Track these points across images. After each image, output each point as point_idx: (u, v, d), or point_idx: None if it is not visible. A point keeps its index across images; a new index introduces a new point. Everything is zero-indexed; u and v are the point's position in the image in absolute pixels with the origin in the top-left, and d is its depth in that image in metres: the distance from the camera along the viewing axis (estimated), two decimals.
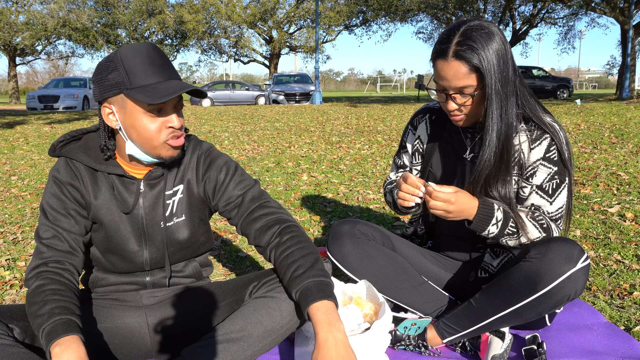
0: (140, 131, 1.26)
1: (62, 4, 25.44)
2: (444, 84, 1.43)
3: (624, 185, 3.82)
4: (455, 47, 1.38)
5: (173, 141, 1.29)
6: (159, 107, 1.25)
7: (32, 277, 1.23)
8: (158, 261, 1.41)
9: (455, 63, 1.38)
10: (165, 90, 1.21)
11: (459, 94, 1.43)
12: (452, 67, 1.39)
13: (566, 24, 25.63)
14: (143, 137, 1.26)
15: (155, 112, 1.25)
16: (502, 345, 1.45)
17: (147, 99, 1.19)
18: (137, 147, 1.29)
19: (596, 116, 9.08)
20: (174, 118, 1.27)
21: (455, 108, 1.46)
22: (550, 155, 1.48)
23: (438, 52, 1.42)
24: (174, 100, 1.27)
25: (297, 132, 8.48)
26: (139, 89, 1.22)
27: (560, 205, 1.50)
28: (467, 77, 1.39)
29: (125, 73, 1.22)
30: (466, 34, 1.37)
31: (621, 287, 2.05)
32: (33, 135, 8.76)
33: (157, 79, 1.23)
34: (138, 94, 1.20)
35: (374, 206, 3.57)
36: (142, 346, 1.41)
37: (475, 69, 1.38)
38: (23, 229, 3.21)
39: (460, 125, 1.52)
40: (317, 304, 1.18)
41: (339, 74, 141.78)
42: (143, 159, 1.32)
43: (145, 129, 1.25)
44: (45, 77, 73.23)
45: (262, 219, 1.37)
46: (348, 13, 26.82)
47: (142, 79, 1.22)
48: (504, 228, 1.45)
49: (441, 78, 1.42)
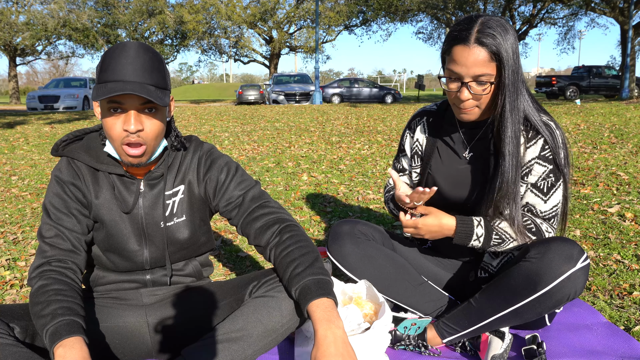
0: (106, 128, 1.27)
1: (62, 4, 25.44)
2: (460, 71, 1.40)
3: (623, 185, 3.82)
4: (477, 34, 1.37)
5: (127, 148, 1.26)
6: (117, 106, 1.22)
7: (35, 277, 1.24)
8: (158, 260, 1.41)
9: (477, 49, 1.37)
10: (111, 89, 1.19)
11: (476, 82, 1.41)
12: (473, 52, 1.37)
13: (566, 24, 25.64)
14: (108, 135, 1.27)
15: (112, 110, 1.23)
16: (502, 345, 1.45)
17: (93, 95, 1.21)
18: (111, 145, 1.31)
19: (596, 116, 9.08)
20: (130, 120, 1.22)
21: (469, 98, 1.43)
22: (545, 154, 1.48)
23: (457, 39, 1.40)
24: (136, 103, 1.23)
25: (297, 132, 8.48)
26: (100, 84, 1.23)
27: (554, 204, 1.50)
28: (487, 65, 1.38)
29: (100, 68, 1.24)
30: (486, 23, 1.39)
31: (621, 287, 2.05)
32: (33, 135, 8.76)
33: (120, 77, 1.21)
34: (94, 89, 1.22)
35: (374, 206, 3.57)
36: (142, 346, 1.42)
37: (496, 57, 1.38)
38: (23, 229, 3.22)
39: (469, 119, 1.49)
40: (317, 302, 1.18)
41: (339, 74, 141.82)
42: (118, 158, 1.32)
43: (107, 126, 1.26)
44: (46, 77, 73.22)
45: (262, 218, 1.38)
46: (348, 13, 26.81)
47: (109, 76, 1.21)
48: (488, 241, 1.49)
49: (459, 64, 1.40)
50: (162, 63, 1.29)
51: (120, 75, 1.20)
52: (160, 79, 1.26)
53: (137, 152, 1.26)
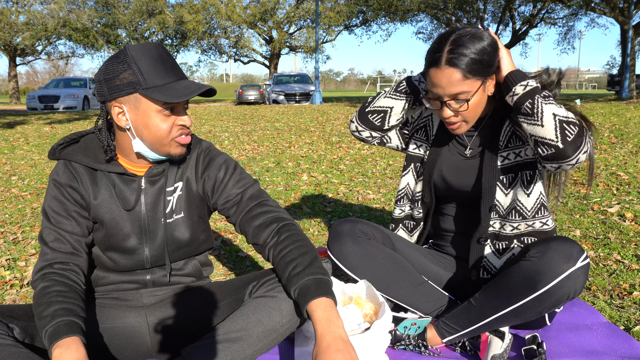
0: (152, 129, 1.29)
1: (62, 4, 25.41)
2: (438, 92, 1.46)
3: (623, 185, 3.82)
4: (447, 55, 1.41)
5: (182, 139, 1.33)
6: (172, 106, 1.29)
7: (37, 279, 1.25)
8: (159, 258, 1.42)
9: (448, 70, 1.41)
10: (183, 90, 1.26)
11: (454, 100, 1.45)
12: (445, 75, 1.42)
13: (566, 24, 25.60)
14: (154, 136, 1.30)
15: (168, 110, 1.29)
16: (502, 345, 1.45)
17: (168, 98, 1.24)
18: (145, 145, 1.32)
19: (596, 116, 9.08)
20: (186, 117, 1.32)
21: (451, 115, 1.48)
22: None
23: (431, 62, 1.45)
24: (184, 101, 1.30)
25: (297, 132, 8.48)
26: (156, 88, 1.25)
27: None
28: (462, 84, 1.42)
29: (139, 73, 1.24)
30: (457, 41, 1.41)
31: (621, 287, 2.05)
32: (33, 135, 8.76)
33: (170, 79, 1.28)
34: (156, 94, 1.24)
35: (374, 206, 3.57)
36: (142, 346, 1.42)
37: (471, 73, 1.41)
38: (23, 229, 3.22)
39: (459, 132, 1.54)
40: (316, 301, 1.19)
41: (339, 74, 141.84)
42: (150, 156, 1.34)
43: (158, 127, 1.29)
44: (46, 77, 73.29)
45: (260, 217, 1.38)
46: (348, 13, 26.80)
47: (157, 79, 1.26)
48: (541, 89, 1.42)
49: (435, 86, 1.45)
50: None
51: (169, 76, 1.28)
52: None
53: (190, 139, 1.36)
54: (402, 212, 1.82)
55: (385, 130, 1.75)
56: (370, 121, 1.73)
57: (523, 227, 1.58)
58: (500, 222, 1.59)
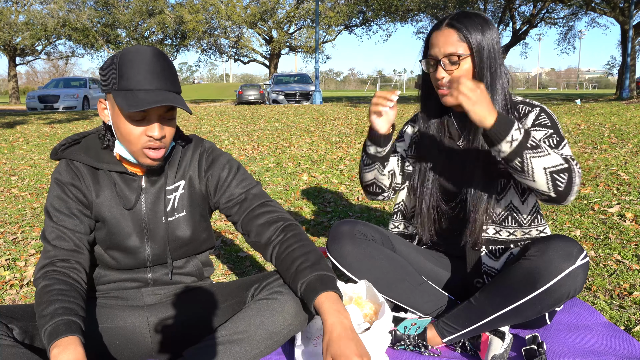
0: (123, 133, 1.27)
1: (62, 4, 25.42)
2: (434, 52, 1.53)
3: (624, 185, 3.82)
4: (449, 20, 1.53)
5: (149, 152, 1.28)
6: (141, 114, 1.24)
7: (39, 277, 1.25)
8: (160, 257, 1.42)
9: (447, 30, 1.52)
10: (144, 100, 1.20)
11: (448, 60, 1.50)
12: (443, 34, 1.52)
13: (566, 24, 25.59)
14: (125, 139, 1.28)
15: (137, 117, 1.24)
16: (502, 345, 1.45)
17: (124, 105, 1.19)
18: (122, 146, 1.31)
19: (596, 116, 9.08)
20: (155, 128, 1.26)
21: (444, 76, 1.52)
22: (541, 121, 1.53)
23: (434, 27, 1.57)
24: (159, 110, 1.25)
25: (297, 132, 8.48)
26: (124, 92, 1.21)
27: (568, 154, 1.46)
28: (457, 44, 1.49)
29: (117, 74, 1.23)
30: (462, 13, 1.54)
31: (621, 287, 2.05)
32: (33, 135, 8.76)
33: (146, 87, 1.22)
34: (118, 98, 1.21)
35: (374, 206, 3.57)
36: (143, 346, 1.42)
37: (465, 38, 1.49)
38: (23, 229, 3.22)
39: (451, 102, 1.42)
40: (324, 294, 1.22)
41: (339, 74, 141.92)
42: (129, 159, 1.33)
43: (126, 131, 1.26)
44: (45, 77, 73.31)
45: (264, 215, 1.39)
46: (348, 13, 26.80)
47: (131, 83, 1.21)
48: (527, 138, 1.37)
49: (433, 46, 1.54)
50: (174, 67, 1.31)
51: (146, 83, 1.22)
52: (177, 84, 1.30)
53: (159, 156, 1.30)
54: (395, 227, 1.85)
55: (391, 186, 1.78)
56: (374, 192, 1.78)
57: (519, 234, 1.59)
58: (495, 228, 1.59)
